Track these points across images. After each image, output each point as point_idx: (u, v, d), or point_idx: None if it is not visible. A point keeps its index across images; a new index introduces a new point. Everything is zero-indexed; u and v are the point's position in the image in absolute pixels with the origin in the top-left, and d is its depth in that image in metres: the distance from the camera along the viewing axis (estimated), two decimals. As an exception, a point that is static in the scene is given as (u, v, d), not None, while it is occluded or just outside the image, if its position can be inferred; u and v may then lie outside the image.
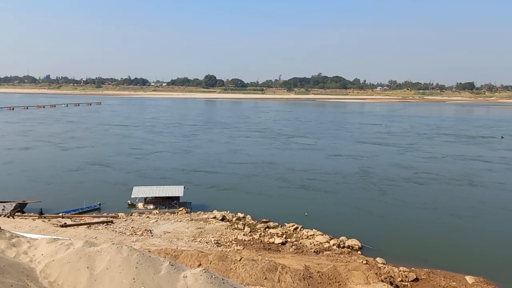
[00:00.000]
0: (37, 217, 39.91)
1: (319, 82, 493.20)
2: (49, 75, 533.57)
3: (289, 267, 24.17)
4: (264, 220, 40.96)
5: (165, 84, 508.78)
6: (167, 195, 45.15)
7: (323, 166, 67.84)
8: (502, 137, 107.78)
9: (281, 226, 39.40)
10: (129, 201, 46.61)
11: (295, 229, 38.44)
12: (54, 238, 9.30)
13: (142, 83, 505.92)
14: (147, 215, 42.30)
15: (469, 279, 28.70)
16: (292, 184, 56.17)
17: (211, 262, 23.66)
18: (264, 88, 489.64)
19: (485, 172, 64.19)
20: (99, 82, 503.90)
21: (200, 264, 23.00)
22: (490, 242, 36.22)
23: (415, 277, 28.50)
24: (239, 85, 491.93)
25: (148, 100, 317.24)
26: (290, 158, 76.21)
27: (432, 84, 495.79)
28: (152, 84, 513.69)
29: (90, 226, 37.30)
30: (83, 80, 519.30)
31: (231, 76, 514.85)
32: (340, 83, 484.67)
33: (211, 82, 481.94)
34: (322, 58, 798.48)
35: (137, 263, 7.65)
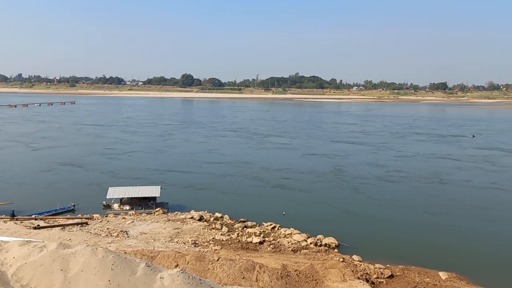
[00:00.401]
0: (8, 219, 38.80)
1: (297, 82, 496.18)
2: (21, 74, 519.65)
3: (267, 266, 24.26)
4: (242, 219, 40.97)
5: (141, 83, 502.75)
6: (144, 196, 44.63)
7: (298, 165, 68.28)
8: (473, 136, 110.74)
9: (259, 226, 39.48)
10: (104, 202, 45.87)
11: (273, 228, 38.57)
12: (27, 241, 9.08)
13: (117, 82, 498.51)
14: (123, 216, 41.71)
15: (443, 275, 29.40)
16: (267, 183, 56.41)
17: (188, 262, 23.52)
18: (242, 87, 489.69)
19: (454, 170, 65.76)
20: (73, 81, 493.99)
21: (177, 265, 22.84)
22: (462, 239, 37.13)
23: (390, 273, 29.00)
24: (216, 84, 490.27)
25: (124, 100, 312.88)
26: (265, 157, 76.49)
27: (407, 84, 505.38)
28: (127, 83, 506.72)
29: (64, 228, 36.53)
30: (57, 79, 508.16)
31: (208, 76, 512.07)
32: (317, 83, 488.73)
33: (188, 81, 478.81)
34: (299, 58, 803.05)
35: (112, 264, 7.55)
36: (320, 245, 34.66)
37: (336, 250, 34.26)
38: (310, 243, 34.70)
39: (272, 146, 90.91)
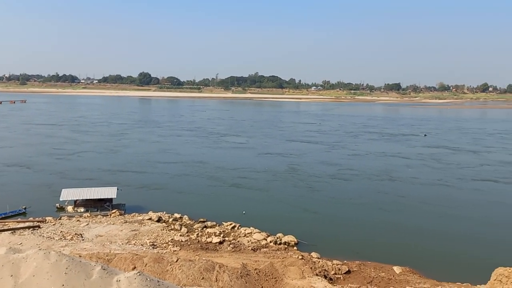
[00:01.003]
0: (-48, 225, 36.65)
1: (256, 81, 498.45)
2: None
3: (226, 266, 24.25)
4: (202, 219, 40.70)
5: (96, 81, 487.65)
6: (99, 197, 43.36)
7: (254, 165, 68.70)
8: (425, 135, 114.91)
9: (218, 225, 39.36)
10: (57, 204, 44.21)
11: (233, 227, 38.58)
12: (-27, 247, 8.63)
13: (71, 80, 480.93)
14: (78, 219, 40.40)
15: (397, 269, 30.50)
16: (224, 182, 56.44)
17: (146, 264, 23.12)
18: (201, 86, 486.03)
19: (403, 168, 68.17)
20: (23, 79, 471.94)
21: (135, 267, 22.40)
22: (413, 235, 38.57)
23: (347, 269, 29.78)
24: (175, 83, 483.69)
25: (78, 98, 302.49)
26: (221, 157, 76.39)
27: (363, 84, 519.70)
28: (82, 81, 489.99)
29: (14, 232, 34.91)
30: (6, 77, 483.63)
31: (166, 74, 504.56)
32: (277, 83, 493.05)
33: (145, 80, 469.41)
34: (258, 57, 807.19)
35: (66, 268, 7.32)
36: (280, 244, 35.05)
37: (295, 248, 34.75)
38: (270, 242, 35.01)
39: (228, 145, 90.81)
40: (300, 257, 30.42)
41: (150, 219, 40.09)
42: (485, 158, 79.08)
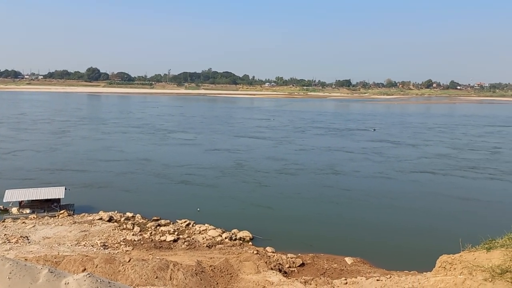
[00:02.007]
0: None
1: (210, 77, 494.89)
2: None
3: (181, 264, 24.01)
4: (155, 218, 40.01)
5: (41, 77, 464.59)
6: (46, 198, 41.50)
7: (201, 161, 68.26)
8: (374, 130, 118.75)
9: (173, 223, 38.88)
10: (0, 206, 41.90)
11: (187, 225, 38.26)
12: None
13: (14, 75, 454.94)
14: (23, 221, 38.49)
15: (348, 260, 31.47)
16: (172, 180, 55.72)
17: (97, 266, 22.43)
18: (153, 82, 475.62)
19: (347, 162, 70.15)
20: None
21: (85, 269, 21.68)
22: (361, 226, 39.90)
23: (301, 262, 30.38)
24: (125, 79, 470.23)
25: (22, 95, 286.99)
26: (167, 153, 75.33)
27: (315, 81, 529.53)
28: (26, 77, 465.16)
29: (-49, 237, 32.75)
30: None
31: (116, 70, 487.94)
32: (230, 79, 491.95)
33: (94, 76, 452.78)
34: (212, 53, 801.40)
35: (10, 273, 6.95)
36: (235, 239, 35.17)
37: (250, 243, 35.00)
38: (225, 238, 35.04)
39: (175, 142, 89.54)
40: (255, 252, 30.70)
41: (100, 219, 38.93)
42: (423, 151, 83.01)
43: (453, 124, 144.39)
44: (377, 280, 22.26)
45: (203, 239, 34.55)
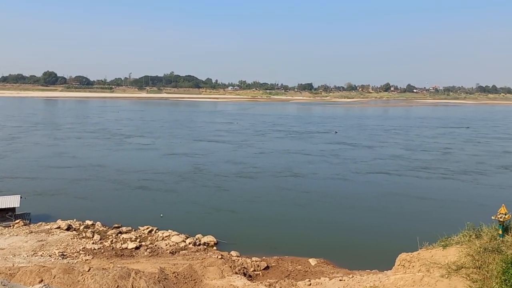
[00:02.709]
0: None
1: (172, 81, 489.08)
2: None
3: (143, 272, 23.47)
4: (116, 225, 38.97)
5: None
6: (0, 207, 39.58)
7: (159, 166, 67.10)
8: (336, 132, 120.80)
9: (134, 230, 37.99)
10: (-51, 218, 39.57)
11: (150, 231, 37.48)
12: None
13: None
14: (-26, 232, 36.50)
15: (312, 261, 31.80)
16: (129, 186, 54.47)
17: (55, 276, 21.57)
18: (113, 86, 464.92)
19: (305, 164, 70.71)
20: None
21: (42, 280, 20.80)
22: (324, 227, 40.45)
23: (266, 265, 30.42)
24: (84, 83, 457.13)
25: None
26: (124, 159, 73.56)
27: (278, 84, 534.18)
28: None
29: None
30: None
31: (74, 73, 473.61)
32: (193, 82, 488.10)
33: (51, 80, 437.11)
34: (174, 57, 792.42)
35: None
36: (199, 245, 34.78)
37: (215, 248, 34.70)
38: (189, 244, 34.59)
39: (132, 147, 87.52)
40: (220, 256, 30.47)
41: (58, 227, 37.55)
42: (379, 152, 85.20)
43: (408, 126, 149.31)
44: (340, 280, 22.58)
45: (166, 245, 33.96)
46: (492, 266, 14.80)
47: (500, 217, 16.53)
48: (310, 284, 22.85)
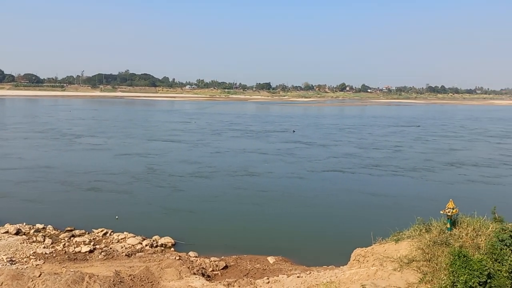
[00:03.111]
0: None
1: (127, 80, 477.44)
2: None
3: (98, 275, 22.76)
4: (69, 228, 37.60)
5: None
6: None
7: (110, 167, 65.02)
8: (294, 131, 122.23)
9: (88, 233, 36.78)
10: None
11: (105, 234, 36.43)
12: None
13: None
14: None
15: (271, 259, 32.03)
16: (80, 187, 52.29)
17: (2, 283, 20.52)
18: (65, 84, 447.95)
19: (260, 163, 70.71)
20: None
21: (-12, 289, 19.73)
22: (281, 225, 40.73)
23: (225, 265, 30.32)
24: (33, 81, 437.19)
25: None
26: (73, 160, 70.65)
27: (236, 84, 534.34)
28: None
29: None
30: None
31: (23, 71, 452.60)
32: (149, 81, 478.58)
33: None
34: (129, 54, 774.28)
35: None
36: (156, 246, 34.19)
37: (172, 249, 34.22)
38: (146, 245, 33.91)
39: (82, 147, 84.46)
40: (178, 257, 30.08)
41: (6, 232, 35.71)
42: (333, 151, 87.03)
43: (361, 125, 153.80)
44: (298, 277, 22.89)
45: (122, 248, 33.12)
46: (441, 259, 15.50)
47: (448, 212, 17.31)
48: (268, 282, 23.02)
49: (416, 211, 21.99)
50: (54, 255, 31.42)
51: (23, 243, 33.77)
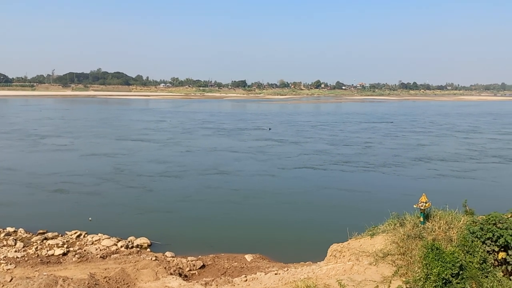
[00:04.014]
0: None
1: (99, 78, 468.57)
2: None
3: (71, 278, 22.27)
4: (41, 231, 36.62)
5: None
6: None
7: (77, 167, 63.28)
8: (270, 129, 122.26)
9: (61, 236, 35.95)
10: None
11: (78, 236, 35.67)
12: None
13: None
14: None
15: (248, 257, 32.03)
16: (45, 189, 50.68)
17: (-30, 290, 19.82)
18: (35, 84, 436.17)
19: (232, 162, 70.23)
20: None
21: (-45, 296, 19.01)
22: (258, 223, 40.75)
23: (202, 264, 30.14)
24: (2, 80, 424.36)
25: None
26: (37, 161, 68.62)
27: (211, 81, 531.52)
28: None
29: None
30: None
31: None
32: (122, 80, 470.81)
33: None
34: (101, 52, 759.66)
35: None
36: (132, 247, 33.69)
37: (148, 249, 33.82)
38: (121, 247, 33.37)
39: (47, 148, 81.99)
40: (154, 258, 29.72)
41: (-26, 237, 34.52)
42: (304, 148, 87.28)
43: (334, 121, 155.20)
44: (275, 274, 22.95)
45: (97, 249, 32.50)
46: (415, 252, 15.83)
47: (421, 206, 17.66)
48: (246, 280, 22.99)
49: (390, 206, 22.33)
50: (26, 259, 30.57)
51: (-7, 247, 32.74)
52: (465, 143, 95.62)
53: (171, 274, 26.15)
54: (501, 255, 13.37)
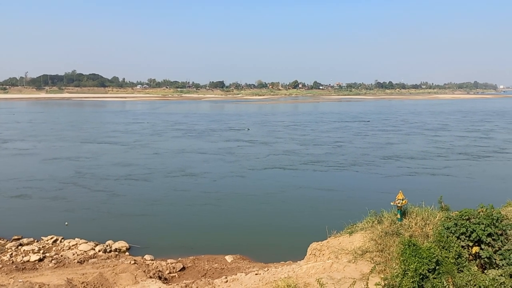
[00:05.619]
0: None
1: (74, 80, 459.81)
2: None
3: (48, 284, 21.82)
4: (16, 237, 35.70)
5: None
6: None
7: (39, 172, 61.47)
8: (248, 129, 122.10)
9: (37, 241, 35.14)
10: None
11: (55, 241, 34.94)
12: None
13: None
14: None
15: (228, 258, 31.98)
16: (7, 195, 49.05)
17: None
18: (7, 86, 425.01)
19: (200, 163, 69.29)
20: None
21: None
22: (235, 224, 40.66)
23: (182, 266, 29.94)
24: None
25: None
26: None
27: (189, 82, 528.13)
28: None
29: None
30: None
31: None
32: (98, 81, 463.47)
33: None
34: (75, 54, 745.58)
35: None
36: (110, 251, 33.20)
37: (127, 253, 33.37)
38: (99, 251, 32.84)
39: (7, 152, 79.41)
40: (133, 262, 29.35)
41: None
42: (273, 148, 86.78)
43: (307, 121, 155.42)
44: (256, 274, 22.98)
45: (74, 254, 31.88)
46: (392, 249, 16.09)
47: (398, 203, 17.97)
48: (227, 281, 22.93)
49: (367, 204, 22.63)
50: (0, 266, 29.77)
51: (-35, 255, 31.72)
52: (433, 141, 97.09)
53: (150, 277, 25.88)
54: (475, 249, 13.73)
